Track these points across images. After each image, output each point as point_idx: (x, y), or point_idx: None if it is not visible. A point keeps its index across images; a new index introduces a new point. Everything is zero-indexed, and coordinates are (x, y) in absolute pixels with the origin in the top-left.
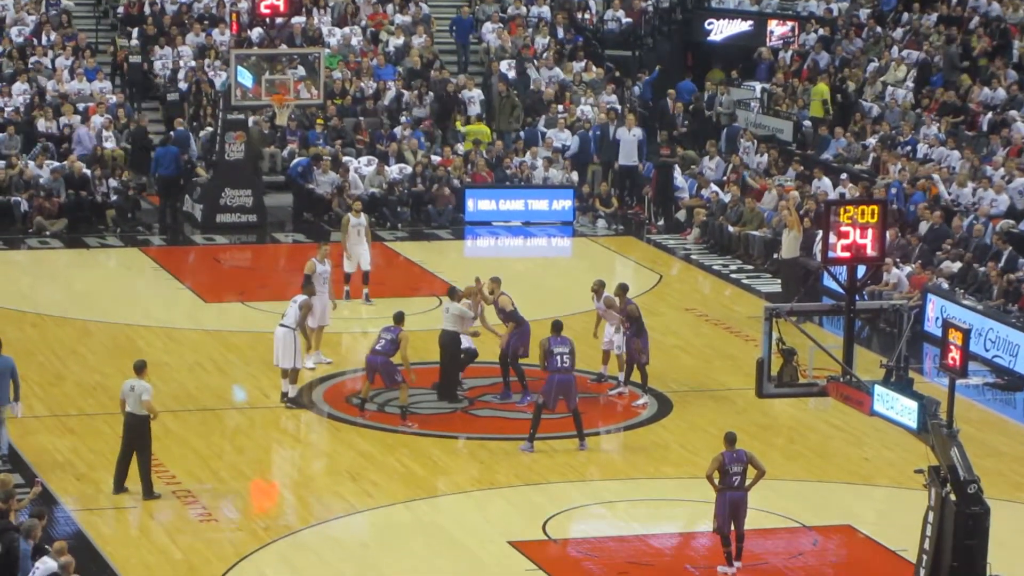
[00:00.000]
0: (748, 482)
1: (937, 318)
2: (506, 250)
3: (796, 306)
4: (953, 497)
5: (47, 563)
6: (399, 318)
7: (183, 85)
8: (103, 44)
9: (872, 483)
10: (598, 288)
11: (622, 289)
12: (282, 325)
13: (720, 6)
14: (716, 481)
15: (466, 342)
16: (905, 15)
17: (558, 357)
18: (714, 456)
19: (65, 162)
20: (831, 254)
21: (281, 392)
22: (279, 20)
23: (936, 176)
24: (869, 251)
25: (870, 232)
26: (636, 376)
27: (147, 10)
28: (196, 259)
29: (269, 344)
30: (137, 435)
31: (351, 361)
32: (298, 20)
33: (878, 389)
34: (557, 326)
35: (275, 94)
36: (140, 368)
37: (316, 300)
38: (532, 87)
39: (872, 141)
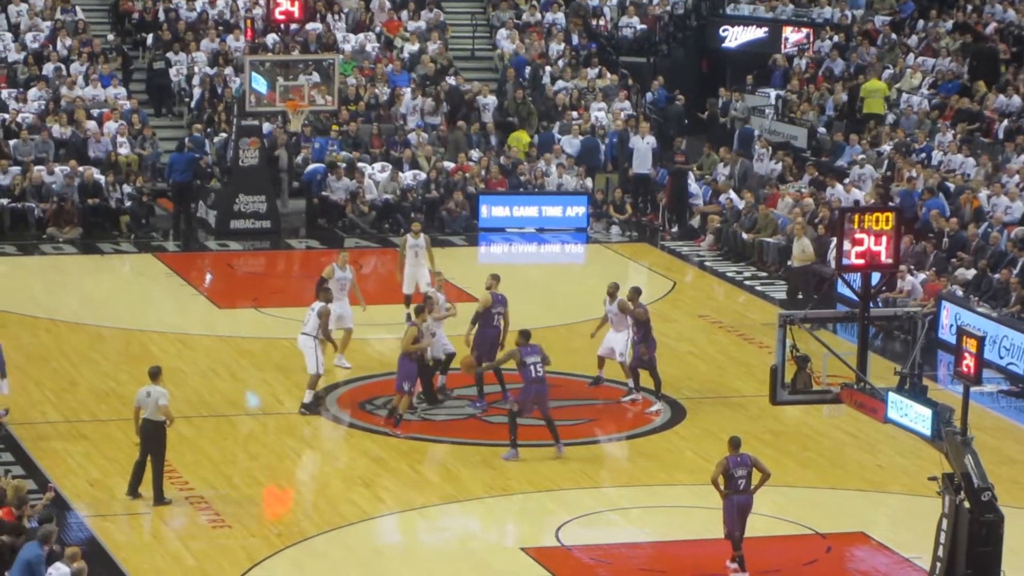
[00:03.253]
0: (753, 485)
1: (951, 325)
2: (520, 256)
3: (810, 313)
4: (967, 504)
5: (60, 568)
6: (418, 310)
7: (197, 91)
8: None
9: (886, 490)
10: (613, 291)
11: (635, 292)
12: (303, 333)
13: (735, 13)
14: (721, 485)
15: (446, 346)
16: (920, 22)
17: (531, 367)
18: (718, 461)
19: (81, 167)
20: (845, 261)
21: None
22: (294, 26)
23: (951, 184)
24: (883, 258)
25: (884, 239)
26: (645, 381)
27: (162, 16)
28: (210, 265)
29: (283, 350)
30: (153, 441)
31: (366, 367)
32: (313, 26)
33: (892, 396)
34: (526, 334)
35: (289, 100)
36: (155, 374)
37: (333, 306)
38: (547, 93)
39: (887, 148)
